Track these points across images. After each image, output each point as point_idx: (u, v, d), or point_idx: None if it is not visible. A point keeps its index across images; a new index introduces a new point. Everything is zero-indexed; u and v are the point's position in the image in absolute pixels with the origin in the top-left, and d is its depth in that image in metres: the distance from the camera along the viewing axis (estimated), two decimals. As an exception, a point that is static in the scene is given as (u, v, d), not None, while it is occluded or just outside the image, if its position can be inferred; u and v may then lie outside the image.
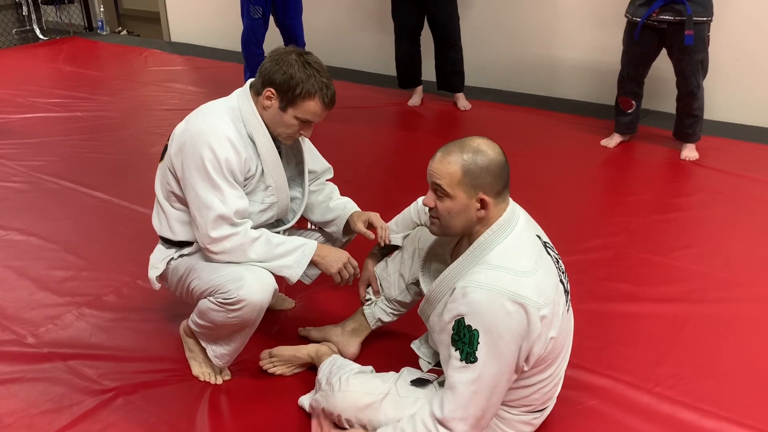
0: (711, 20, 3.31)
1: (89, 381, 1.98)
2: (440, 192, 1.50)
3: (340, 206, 2.06)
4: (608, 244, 2.74)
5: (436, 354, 1.78)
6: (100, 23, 6.75)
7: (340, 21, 5.25)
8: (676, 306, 2.31)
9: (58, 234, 2.84)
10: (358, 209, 2.05)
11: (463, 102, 4.40)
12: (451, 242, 1.74)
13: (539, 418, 1.70)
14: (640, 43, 3.46)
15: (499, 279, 1.41)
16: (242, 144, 1.78)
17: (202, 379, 1.98)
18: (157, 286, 1.98)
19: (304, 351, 1.98)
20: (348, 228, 2.04)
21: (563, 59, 4.53)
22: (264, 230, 1.83)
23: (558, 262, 1.58)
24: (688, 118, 3.56)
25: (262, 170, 1.85)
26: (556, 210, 3.01)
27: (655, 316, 2.27)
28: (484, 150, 1.49)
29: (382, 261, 1.98)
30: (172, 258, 1.92)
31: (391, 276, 1.95)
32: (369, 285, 1.97)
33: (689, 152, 3.59)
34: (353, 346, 2.05)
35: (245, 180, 1.82)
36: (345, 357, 1.98)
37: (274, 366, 1.99)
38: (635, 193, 3.27)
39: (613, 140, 3.79)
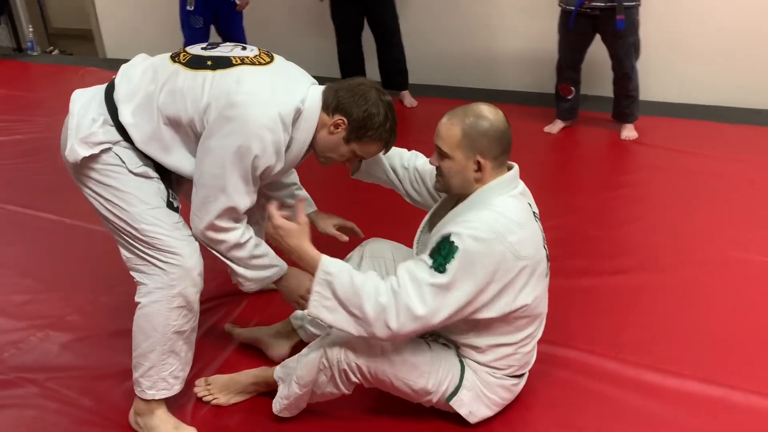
0: (639, 4, 3.47)
1: (62, 402, 1.95)
2: (441, 153, 1.60)
3: (302, 195, 2.14)
4: (561, 224, 2.83)
5: None
6: (29, 44, 6.56)
7: (280, 27, 5.25)
8: (631, 276, 2.42)
9: (10, 259, 2.76)
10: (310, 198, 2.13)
11: (409, 99, 4.47)
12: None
13: (518, 385, 1.78)
14: (575, 30, 3.59)
15: (497, 221, 1.52)
16: (282, 151, 1.70)
17: None
18: (79, 156, 1.65)
19: (245, 375, 1.92)
20: None
21: (502, 52, 4.65)
22: (252, 235, 1.78)
23: (542, 232, 1.67)
24: (625, 100, 3.72)
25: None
26: None
27: (612, 287, 2.37)
28: (485, 115, 1.58)
29: None
30: (110, 146, 1.69)
31: None
32: None
33: (629, 132, 3.75)
34: (283, 347, 2.03)
35: None
36: (273, 359, 2.00)
37: (210, 393, 1.90)
38: (581, 174, 3.40)
39: (555, 126, 3.92)
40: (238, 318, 2.29)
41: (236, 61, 1.70)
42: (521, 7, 4.47)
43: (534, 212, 1.66)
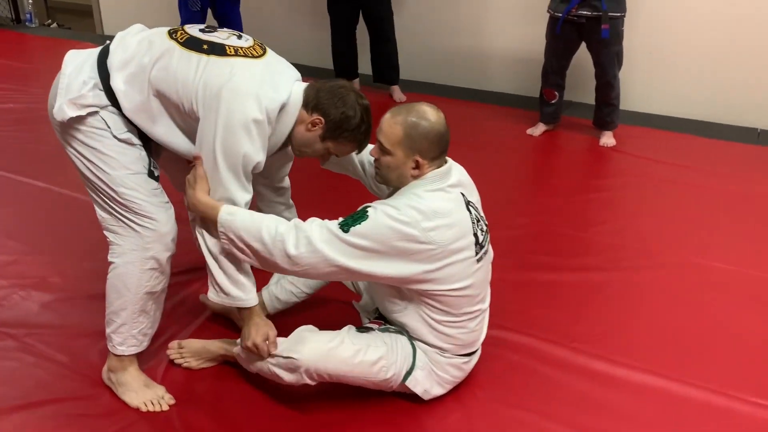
0: (624, 15, 3.58)
1: (39, 356, 2.04)
2: (382, 147, 1.69)
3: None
4: (532, 222, 2.95)
5: (375, 310, 1.94)
6: (28, 16, 6.60)
7: (276, 15, 5.34)
8: (592, 274, 2.54)
9: (-3, 221, 2.85)
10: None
11: (398, 94, 4.56)
12: None
13: (469, 363, 1.88)
14: (562, 37, 3.70)
15: (415, 207, 1.63)
16: (266, 145, 1.76)
17: (144, 409, 1.85)
18: (67, 116, 1.71)
19: (216, 344, 2.01)
20: None
21: (492, 54, 4.76)
22: None
23: (478, 221, 1.77)
24: (606, 107, 3.83)
25: None
26: (484, 193, 3.15)
27: (573, 282, 2.48)
28: (428, 118, 1.67)
29: None
30: (98, 110, 1.75)
31: None
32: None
33: (607, 139, 3.86)
34: None
35: None
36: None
37: (183, 357, 2.00)
38: (558, 176, 3.51)
39: (538, 129, 4.03)
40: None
41: (230, 51, 1.75)
42: (513, 12, 4.58)
43: (468, 201, 1.75)
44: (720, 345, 2.16)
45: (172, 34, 1.80)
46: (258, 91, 1.69)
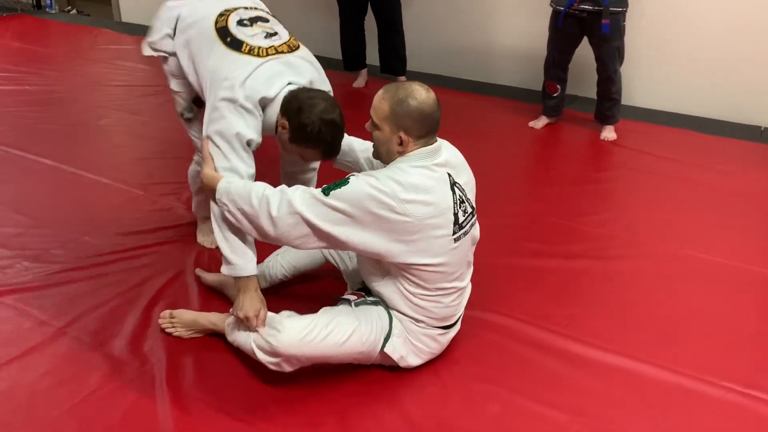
0: (626, 10, 3.60)
1: (35, 320, 2.14)
2: (372, 122, 1.78)
3: None
4: (525, 210, 3.00)
5: (361, 281, 2.01)
6: (49, 2, 6.74)
7: (286, 4, 5.41)
8: (577, 261, 2.58)
9: (5, 195, 2.96)
10: None
11: (404, 85, 4.62)
12: None
13: (445, 336, 1.95)
14: (564, 30, 3.73)
15: (397, 180, 1.69)
16: (259, 129, 1.97)
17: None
18: (144, 53, 2.31)
19: (207, 318, 2.08)
20: None
21: (497, 47, 4.80)
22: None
23: (462, 203, 1.82)
24: (607, 102, 3.86)
25: None
26: (483, 181, 3.21)
27: (558, 269, 2.53)
28: (415, 96, 1.72)
29: None
30: (167, 56, 2.23)
31: None
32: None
33: (608, 133, 3.89)
34: None
35: None
36: (233, 300, 2.11)
37: (173, 326, 2.09)
38: (556, 168, 3.55)
39: (540, 122, 4.07)
40: (207, 265, 2.47)
41: (245, 49, 1.96)
42: (519, 6, 4.61)
43: (454, 182, 1.80)
44: (694, 331, 2.19)
45: (219, 16, 2.06)
46: (246, 81, 1.90)
